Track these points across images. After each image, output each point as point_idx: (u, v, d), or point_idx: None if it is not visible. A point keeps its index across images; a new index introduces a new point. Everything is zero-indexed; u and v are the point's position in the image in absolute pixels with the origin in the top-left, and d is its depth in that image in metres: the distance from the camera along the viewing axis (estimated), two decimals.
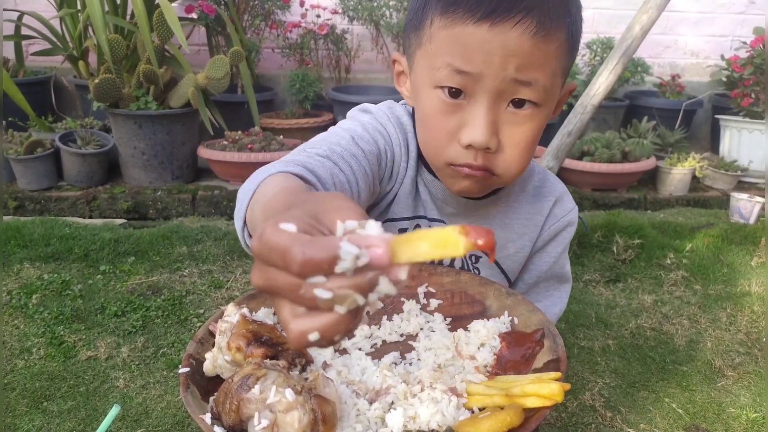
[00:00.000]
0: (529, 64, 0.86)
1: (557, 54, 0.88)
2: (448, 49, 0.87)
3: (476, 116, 0.89)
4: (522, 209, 1.12)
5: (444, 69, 0.88)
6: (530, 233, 1.12)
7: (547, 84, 0.89)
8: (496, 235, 1.03)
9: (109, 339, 2.10)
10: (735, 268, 2.78)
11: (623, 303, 2.50)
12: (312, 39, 4.12)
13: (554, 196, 1.13)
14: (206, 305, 2.34)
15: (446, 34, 0.87)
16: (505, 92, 0.88)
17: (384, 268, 0.47)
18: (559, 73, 0.91)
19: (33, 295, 2.30)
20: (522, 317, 0.94)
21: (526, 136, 0.92)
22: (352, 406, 0.77)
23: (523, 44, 0.84)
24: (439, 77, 0.89)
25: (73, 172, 3.31)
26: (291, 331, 0.47)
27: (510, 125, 0.91)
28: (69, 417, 1.75)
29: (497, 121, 0.90)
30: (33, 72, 4.05)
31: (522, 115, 0.90)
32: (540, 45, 0.85)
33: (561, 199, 1.14)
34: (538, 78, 0.87)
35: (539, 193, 1.13)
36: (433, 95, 0.92)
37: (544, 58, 0.87)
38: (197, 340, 0.86)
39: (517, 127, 0.91)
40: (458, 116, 0.91)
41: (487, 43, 0.84)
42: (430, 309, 1.01)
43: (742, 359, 2.14)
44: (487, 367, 0.87)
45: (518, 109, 0.90)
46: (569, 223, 1.14)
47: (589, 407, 1.87)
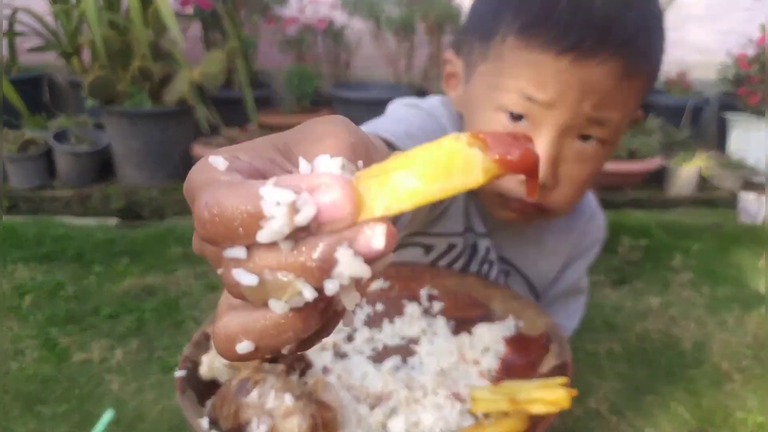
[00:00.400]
0: (608, 104, 0.79)
1: (640, 90, 0.82)
2: (520, 72, 0.79)
3: (540, 151, 0.79)
4: (558, 225, 1.05)
5: (512, 93, 0.80)
6: (564, 252, 1.08)
7: (620, 123, 0.82)
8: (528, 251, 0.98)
9: (103, 341, 2.08)
10: (743, 270, 2.75)
11: (629, 305, 2.47)
12: (310, 34, 4.10)
13: (588, 213, 1.08)
14: (201, 307, 2.31)
15: (520, 58, 0.79)
16: (574, 127, 0.80)
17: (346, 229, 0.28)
18: (630, 113, 0.84)
19: (26, 295, 2.28)
20: (528, 321, 0.92)
21: (586, 174, 0.85)
22: (353, 411, 0.75)
23: (605, 83, 0.77)
24: (505, 101, 0.81)
25: (66, 171, 3.29)
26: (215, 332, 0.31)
27: (571, 161, 0.83)
28: (63, 421, 1.73)
29: (558, 156, 0.82)
30: (26, 69, 4.03)
31: (586, 151, 0.83)
32: (623, 84, 0.78)
33: (593, 216, 1.09)
34: (613, 117, 0.80)
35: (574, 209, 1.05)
36: (492, 118, 0.83)
37: (626, 97, 0.80)
38: (193, 343, 0.85)
39: (579, 164, 0.84)
40: None
41: (566, 75, 0.77)
42: (432, 312, 0.98)
43: (750, 362, 2.12)
44: (492, 372, 0.85)
45: (583, 143, 0.82)
46: (598, 240, 1.11)
47: (594, 412, 1.85)
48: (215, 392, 0.74)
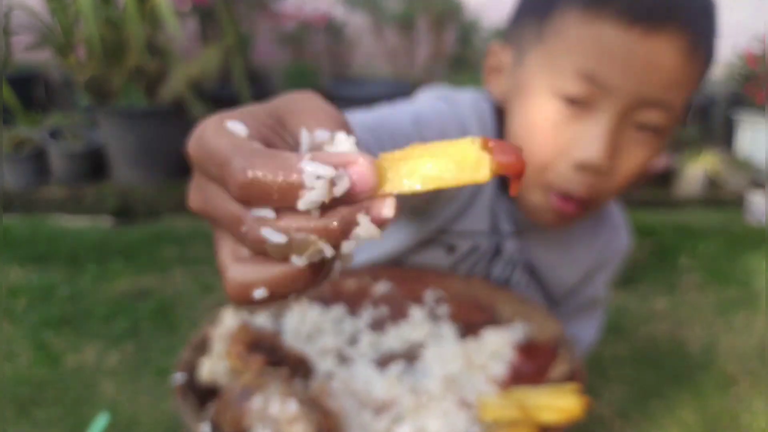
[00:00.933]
0: (671, 84, 0.77)
1: (698, 76, 0.81)
2: (582, 50, 0.77)
3: (598, 133, 0.77)
4: (582, 233, 1.02)
5: (570, 71, 0.77)
6: (586, 261, 1.04)
7: (677, 109, 0.80)
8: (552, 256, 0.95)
9: (98, 344, 2.07)
10: (751, 271, 2.74)
11: (635, 307, 2.46)
12: (310, 30, 4.08)
13: (613, 224, 1.06)
14: (197, 309, 2.30)
15: (583, 33, 0.76)
16: (635, 111, 0.78)
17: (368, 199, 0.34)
18: (686, 99, 0.81)
19: (20, 297, 2.27)
20: (536, 325, 0.90)
21: (640, 164, 0.81)
22: (357, 418, 0.74)
23: (671, 60, 0.76)
24: (563, 82, 0.78)
25: (60, 170, 3.27)
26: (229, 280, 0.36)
27: (628, 148, 0.80)
28: (57, 424, 1.73)
29: (617, 143, 0.79)
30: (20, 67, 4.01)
31: (644, 138, 0.80)
32: (688, 63, 0.77)
33: (619, 228, 1.07)
34: (675, 100, 0.78)
35: (600, 218, 1.04)
36: (548, 103, 0.80)
37: (688, 79, 0.79)
38: (192, 346, 0.84)
39: (636, 152, 0.80)
40: (574, 130, 0.79)
41: (632, 51, 0.74)
42: (438, 315, 0.97)
43: (756, 365, 2.12)
44: (500, 378, 0.83)
45: (640, 133, 0.80)
46: (620, 252, 1.08)
47: (599, 416, 1.85)
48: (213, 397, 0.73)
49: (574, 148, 0.79)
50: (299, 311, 0.94)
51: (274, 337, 0.81)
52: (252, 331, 0.79)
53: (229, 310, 0.84)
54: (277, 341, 0.80)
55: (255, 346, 0.76)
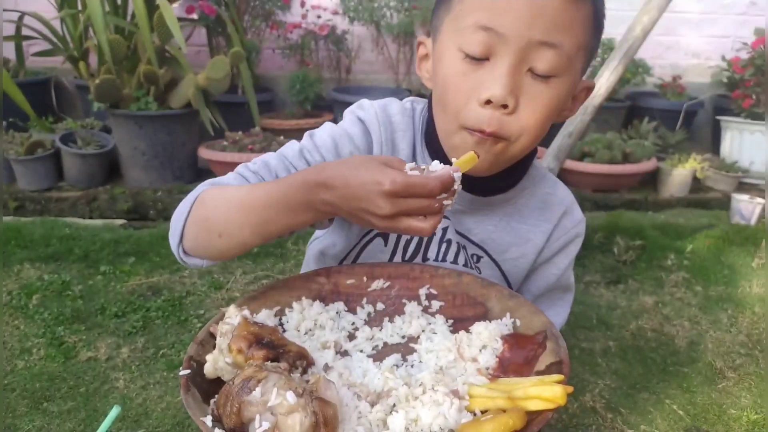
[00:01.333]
0: (556, 26, 0.86)
1: (584, 22, 0.89)
2: (479, 5, 0.87)
3: (498, 74, 0.88)
4: (529, 214, 1.11)
5: (471, 27, 0.88)
6: (536, 240, 1.11)
7: (571, 52, 0.89)
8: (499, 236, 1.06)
9: (110, 340, 2.10)
10: (736, 270, 2.77)
11: (624, 304, 2.49)
12: (312, 40, 4.12)
13: (564, 206, 1.12)
14: (206, 306, 2.34)
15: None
16: (529, 55, 0.88)
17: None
18: (582, 48, 0.91)
19: (33, 295, 2.30)
20: (524, 319, 0.94)
21: (543, 104, 0.91)
22: (354, 408, 0.77)
23: (552, 4, 0.85)
24: (464, 38, 0.89)
25: (73, 173, 3.31)
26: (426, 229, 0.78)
27: (529, 90, 0.90)
28: (69, 418, 1.75)
29: (517, 85, 0.89)
30: (33, 72, 4.05)
31: (542, 82, 0.90)
32: (568, 6, 0.86)
33: (570, 210, 1.13)
34: (563, 41, 0.87)
35: (549, 201, 1.12)
36: (455, 56, 0.91)
37: (572, 22, 0.87)
38: (198, 342, 0.86)
39: (537, 93, 0.90)
40: (479, 75, 0.90)
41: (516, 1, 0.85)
42: (431, 311, 1.01)
43: (743, 360, 2.14)
44: (489, 370, 0.87)
45: (539, 77, 0.89)
46: (577, 234, 1.13)
47: (590, 409, 1.87)
48: (219, 390, 0.74)
49: (480, 89, 0.89)
50: (299, 308, 0.97)
51: (275, 333, 0.83)
52: (253, 327, 0.82)
53: (232, 308, 0.87)
54: (278, 336, 0.82)
55: (256, 341, 0.79)
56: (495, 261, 1.12)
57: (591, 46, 0.93)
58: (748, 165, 3.95)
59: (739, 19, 4.75)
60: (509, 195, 1.09)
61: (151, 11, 3.20)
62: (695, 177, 3.87)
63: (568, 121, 2.84)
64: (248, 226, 0.89)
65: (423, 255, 1.09)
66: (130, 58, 3.48)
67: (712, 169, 3.88)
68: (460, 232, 1.10)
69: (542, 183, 1.12)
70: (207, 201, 0.94)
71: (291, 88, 3.96)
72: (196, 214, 0.95)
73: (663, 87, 4.54)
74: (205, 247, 0.97)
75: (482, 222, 1.09)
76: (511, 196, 1.09)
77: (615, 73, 2.74)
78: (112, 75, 3.11)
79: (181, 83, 3.30)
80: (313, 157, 1.02)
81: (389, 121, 1.07)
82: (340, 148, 1.03)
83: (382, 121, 1.06)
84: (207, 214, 0.94)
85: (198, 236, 0.96)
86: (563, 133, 2.84)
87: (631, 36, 2.72)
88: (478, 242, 1.10)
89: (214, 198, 0.94)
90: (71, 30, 3.75)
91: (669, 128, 4.22)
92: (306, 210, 0.85)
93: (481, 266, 1.12)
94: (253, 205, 0.89)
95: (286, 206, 0.86)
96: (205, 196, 0.95)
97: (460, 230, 1.10)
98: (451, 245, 1.09)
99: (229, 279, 2.52)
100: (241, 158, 3.30)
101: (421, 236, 0.86)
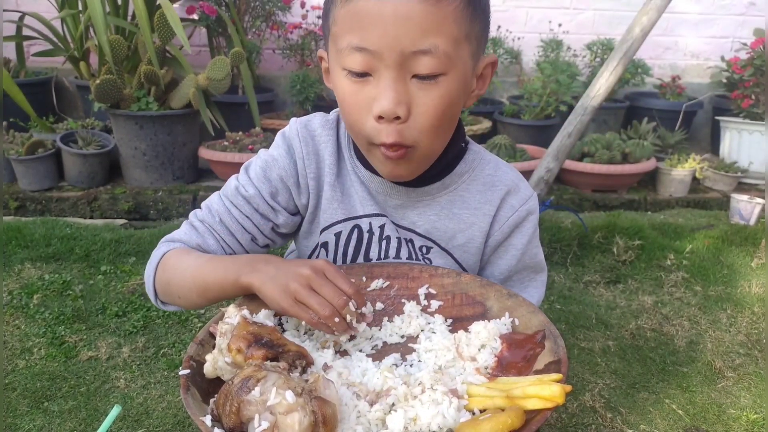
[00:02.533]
0: (424, 32, 0.86)
1: (455, 17, 0.88)
2: (348, 26, 0.89)
3: (383, 88, 0.89)
4: (471, 198, 1.11)
5: (347, 49, 0.90)
6: (480, 223, 1.11)
7: (448, 50, 0.89)
8: (443, 224, 1.09)
9: (110, 339, 2.11)
10: (735, 270, 2.78)
11: (623, 304, 2.50)
12: (313, 40, 4.13)
13: (506, 186, 1.11)
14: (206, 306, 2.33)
15: (344, 13, 0.89)
16: (408, 64, 0.88)
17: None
18: (462, 39, 0.91)
19: (34, 295, 2.30)
20: (523, 318, 0.94)
21: (435, 104, 0.92)
22: (353, 407, 0.77)
23: (412, 9, 0.85)
24: (343, 59, 0.91)
25: (74, 173, 3.32)
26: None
27: (418, 94, 0.91)
28: (70, 417, 1.75)
29: (405, 92, 0.90)
30: (34, 73, 4.06)
31: (430, 83, 0.91)
32: (432, 8, 0.85)
33: (516, 189, 1.12)
34: (436, 44, 0.87)
35: (490, 183, 1.11)
36: (343, 80, 0.94)
37: (439, 22, 0.87)
38: (198, 342, 0.87)
39: (426, 96, 0.91)
40: (367, 90, 0.92)
41: (378, 13, 0.85)
42: (430, 310, 1.01)
43: (743, 360, 2.14)
44: (488, 369, 0.87)
45: (424, 79, 0.90)
46: (529, 212, 1.12)
47: (589, 408, 1.87)
48: (218, 390, 0.74)
49: (371, 105, 0.92)
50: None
51: (274, 332, 0.83)
52: (252, 326, 0.82)
53: (232, 307, 0.88)
54: (277, 336, 0.83)
55: (255, 341, 0.79)
56: (444, 249, 1.13)
57: (475, 32, 0.93)
58: (747, 165, 3.95)
59: (738, 20, 4.76)
60: (446, 182, 1.10)
61: (151, 11, 3.20)
62: (694, 177, 3.88)
63: (567, 122, 2.85)
64: (197, 296, 1.03)
65: (365, 256, 1.13)
66: (131, 59, 3.49)
67: (711, 169, 3.89)
68: (405, 226, 1.12)
69: (483, 166, 1.13)
70: (167, 268, 1.06)
71: (291, 88, 3.97)
72: (160, 277, 1.08)
73: (662, 87, 4.55)
74: (173, 302, 1.11)
75: (425, 213, 1.11)
76: (449, 183, 1.10)
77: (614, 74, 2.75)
78: (113, 75, 3.12)
79: (181, 83, 3.30)
80: (247, 192, 1.10)
81: (310, 136, 1.11)
82: (269, 174, 1.10)
83: (303, 136, 1.10)
84: (168, 279, 1.06)
85: (164, 294, 1.10)
86: (562, 134, 2.85)
87: (630, 36, 2.73)
88: (424, 233, 1.12)
89: (173, 267, 1.05)
90: (72, 30, 3.76)
91: (668, 128, 4.23)
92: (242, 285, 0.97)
93: (432, 257, 1.13)
94: (198, 282, 1.01)
95: (221, 290, 1.00)
96: (166, 263, 1.07)
97: (405, 224, 1.12)
98: (391, 241, 1.12)
99: None
100: (241, 158, 3.30)
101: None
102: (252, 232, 1.10)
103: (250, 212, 1.09)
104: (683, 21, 4.73)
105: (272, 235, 1.13)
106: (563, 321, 2.34)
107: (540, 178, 2.87)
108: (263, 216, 1.10)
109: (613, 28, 4.55)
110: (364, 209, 1.11)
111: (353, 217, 1.12)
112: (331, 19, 0.93)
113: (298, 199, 1.12)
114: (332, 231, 1.12)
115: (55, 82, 4.04)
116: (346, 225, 1.12)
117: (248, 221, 1.10)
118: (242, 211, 1.09)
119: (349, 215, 1.12)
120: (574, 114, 2.82)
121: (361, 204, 1.11)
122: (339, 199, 1.11)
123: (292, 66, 4.22)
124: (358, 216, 1.11)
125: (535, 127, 4.04)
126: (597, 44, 4.40)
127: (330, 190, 1.11)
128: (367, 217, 1.11)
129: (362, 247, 1.12)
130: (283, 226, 1.13)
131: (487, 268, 1.16)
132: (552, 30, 4.45)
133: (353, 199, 1.11)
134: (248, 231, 1.10)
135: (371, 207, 1.11)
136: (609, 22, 4.58)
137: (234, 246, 1.10)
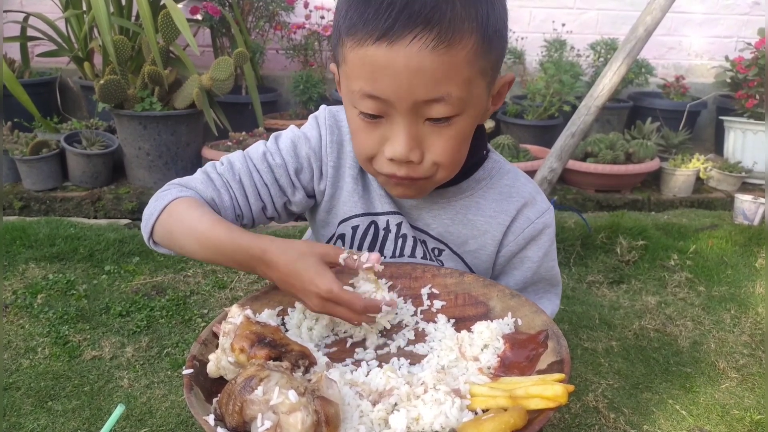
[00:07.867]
0: (436, 81, 0.84)
1: (468, 60, 0.85)
2: (359, 72, 0.88)
3: (396, 132, 0.90)
4: (486, 206, 1.11)
5: (358, 93, 0.89)
6: (493, 232, 1.11)
7: (462, 94, 0.87)
8: (456, 229, 1.11)
9: (114, 339, 2.11)
10: (739, 270, 2.77)
11: (627, 304, 2.49)
12: (316, 40, 4.13)
13: (523, 198, 1.11)
14: (210, 305, 2.35)
15: (354, 57, 0.87)
16: (421, 111, 0.88)
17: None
18: (475, 78, 0.89)
19: (38, 294, 2.31)
20: (526, 318, 0.95)
21: (450, 145, 0.92)
22: (356, 407, 0.77)
23: (424, 60, 0.82)
24: (356, 101, 0.90)
25: (78, 173, 3.33)
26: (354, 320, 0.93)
27: (431, 137, 0.91)
28: (73, 416, 1.76)
29: (418, 135, 0.90)
30: (38, 73, 4.07)
31: (442, 126, 0.90)
32: (443, 58, 0.83)
33: (533, 201, 1.12)
34: (450, 91, 0.86)
35: (507, 193, 1.11)
36: (355, 116, 0.94)
37: (452, 71, 0.85)
38: (201, 342, 0.87)
39: (439, 138, 0.91)
40: (379, 132, 0.92)
41: (390, 64, 0.83)
42: (433, 310, 1.01)
43: (746, 361, 2.14)
44: (491, 369, 0.87)
45: (437, 122, 0.89)
46: (545, 225, 1.12)
47: (592, 408, 1.87)
48: (222, 389, 0.74)
49: (384, 145, 0.93)
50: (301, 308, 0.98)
51: (277, 332, 0.83)
52: (256, 326, 0.82)
53: (235, 307, 0.88)
54: (280, 336, 0.83)
55: (258, 340, 0.79)
56: (456, 253, 1.13)
57: (491, 63, 0.91)
58: (751, 165, 3.94)
59: (742, 19, 4.75)
60: (463, 187, 1.10)
61: (155, 12, 3.21)
62: (698, 177, 3.87)
63: (570, 122, 2.85)
64: (202, 256, 1.01)
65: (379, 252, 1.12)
66: (135, 59, 3.50)
67: (715, 169, 3.88)
68: (419, 227, 1.13)
69: (502, 176, 1.13)
70: (173, 215, 1.02)
71: (295, 88, 3.97)
72: (164, 222, 1.03)
73: (666, 87, 4.54)
74: (169, 248, 1.07)
75: (439, 216, 1.11)
76: (466, 188, 1.10)
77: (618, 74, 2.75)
78: (117, 75, 3.12)
79: (185, 84, 3.31)
80: (274, 160, 1.10)
81: (337, 126, 1.12)
82: (299, 149, 1.11)
83: (330, 125, 1.12)
84: (171, 227, 1.02)
85: (163, 240, 1.05)
86: (566, 134, 2.85)
87: (634, 36, 2.72)
88: (437, 236, 1.13)
89: (180, 217, 1.01)
90: (76, 31, 3.77)
91: (672, 128, 4.22)
92: (248, 269, 0.98)
93: (443, 259, 1.13)
94: (207, 245, 0.98)
95: (232, 260, 0.97)
96: (173, 209, 1.02)
97: (419, 226, 1.13)
98: (407, 240, 1.13)
99: (233, 278, 2.53)
100: None
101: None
102: (265, 200, 1.10)
103: (270, 181, 1.09)
104: (687, 21, 4.72)
105: (282, 211, 1.13)
106: (566, 321, 2.33)
107: (543, 178, 2.86)
108: (281, 189, 1.11)
109: (617, 27, 4.54)
110: (382, 206, 1.12)
111: (371, 213, 1.13)
112: (341, 54, 0.91)
113: (318, 184, 1.13)
114: (350, 224, 1.13)
115: (59, 83, 4.05)
116: (364, 220, 1.13)
117: (266, 189, 1.09)
118: (264, 178, 1.09)
119: (368, 211, 1.13)
120: (578, 114, 2.81)
121: (380, 201, 1.12)
122: (360, 194, 1.12)
123: (296, 66, 4.23)
124: (377, 213, 1.12)
125: (538, 127, 4.03)
126: (600, 44, 4.39)
127: (352, 183, 1.12)
128: (384, 215, 1.12)
129: (377, 243, 1.13)
130: (296, 204, 1.13)
131: (501, 278, 1.16)
132: (555, 30, 4.44)
133: (372, 196, 1.12)
134: (262, 199, 1.10)
135: (389, 205, 1.11)
136: (613, 22, 4.57)
137: (245, 209, 1.09)
